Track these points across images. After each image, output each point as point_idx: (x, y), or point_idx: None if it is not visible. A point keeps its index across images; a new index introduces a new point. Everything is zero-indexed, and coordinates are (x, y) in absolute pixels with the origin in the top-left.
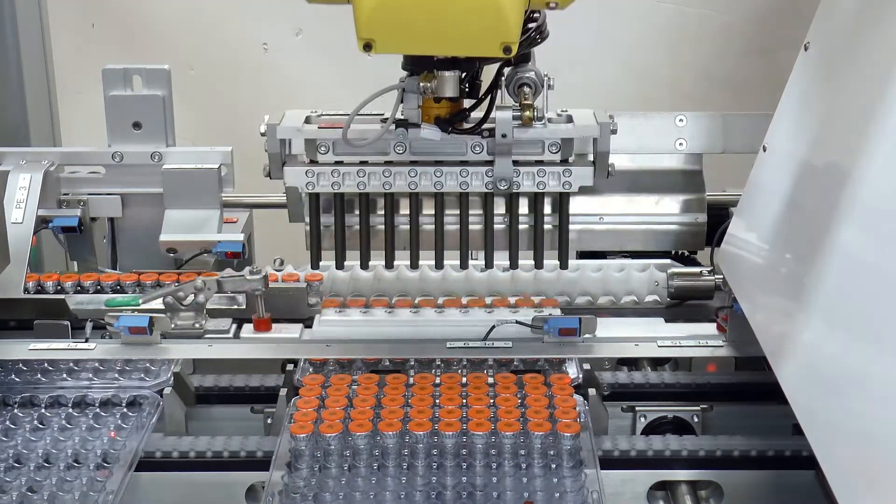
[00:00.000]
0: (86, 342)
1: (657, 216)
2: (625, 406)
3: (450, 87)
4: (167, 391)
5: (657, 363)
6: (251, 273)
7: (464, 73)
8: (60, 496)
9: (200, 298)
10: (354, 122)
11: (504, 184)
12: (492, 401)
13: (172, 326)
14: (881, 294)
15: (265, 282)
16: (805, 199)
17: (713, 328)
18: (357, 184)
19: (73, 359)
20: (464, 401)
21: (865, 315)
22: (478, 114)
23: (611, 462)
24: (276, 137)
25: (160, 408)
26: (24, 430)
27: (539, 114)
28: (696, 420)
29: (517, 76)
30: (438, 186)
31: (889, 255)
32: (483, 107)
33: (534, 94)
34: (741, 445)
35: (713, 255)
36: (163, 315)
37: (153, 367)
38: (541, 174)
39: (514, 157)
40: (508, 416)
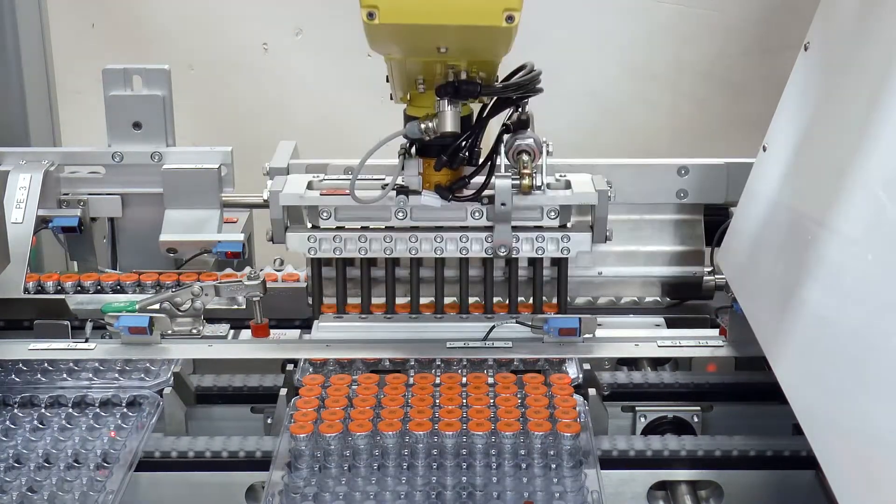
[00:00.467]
0: (86, 342)
1: (655, 268)
2: (624, 406)
3: (450, 122)
4: (167, 391)
5: (657, 363)
6: (249, 277)
7: (464, 141)
8: (60, 496)
9: (198, 304)
10: (357, 189)
11: (503, 250)
12: (492, 401)
13: (170, 333)
14: (881, 294)
15: (263, 287)
16: (805, 199)
17: (713, 328)
18: (358, 249)
19: (73, 359)
20: (464, 401)
21: (865, 315)
22: (478, 178)
23: (610, 462)
24: (279, 205)
25: (160, 408)
26: (24, 430)
27: (537, 182)
28: (696, 420)
29: (516, 143)
30: (439, 252)
31: (889, 255)
32: (483, 171)
33: (532, 161)
34: (741, 445)
35: (713, 255)
36: (162, 315)
37: (153, 367)
38: (539, 240)
39: (514, 223)
40: (508, 416)
